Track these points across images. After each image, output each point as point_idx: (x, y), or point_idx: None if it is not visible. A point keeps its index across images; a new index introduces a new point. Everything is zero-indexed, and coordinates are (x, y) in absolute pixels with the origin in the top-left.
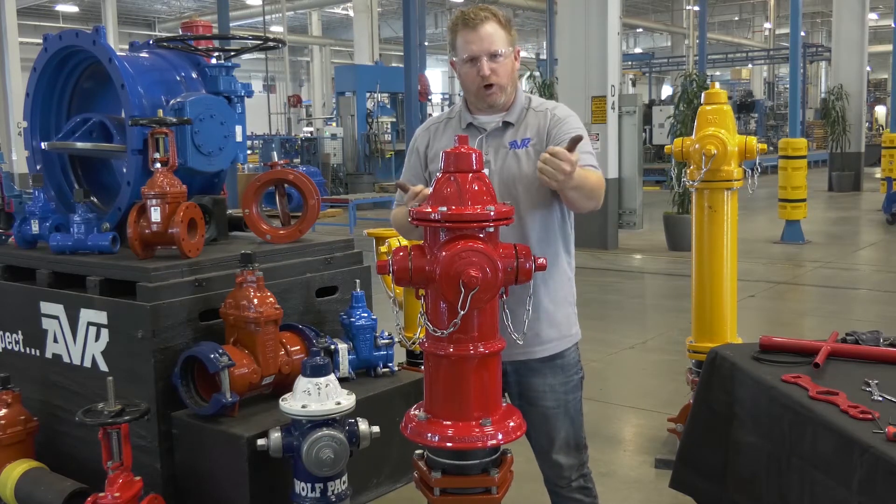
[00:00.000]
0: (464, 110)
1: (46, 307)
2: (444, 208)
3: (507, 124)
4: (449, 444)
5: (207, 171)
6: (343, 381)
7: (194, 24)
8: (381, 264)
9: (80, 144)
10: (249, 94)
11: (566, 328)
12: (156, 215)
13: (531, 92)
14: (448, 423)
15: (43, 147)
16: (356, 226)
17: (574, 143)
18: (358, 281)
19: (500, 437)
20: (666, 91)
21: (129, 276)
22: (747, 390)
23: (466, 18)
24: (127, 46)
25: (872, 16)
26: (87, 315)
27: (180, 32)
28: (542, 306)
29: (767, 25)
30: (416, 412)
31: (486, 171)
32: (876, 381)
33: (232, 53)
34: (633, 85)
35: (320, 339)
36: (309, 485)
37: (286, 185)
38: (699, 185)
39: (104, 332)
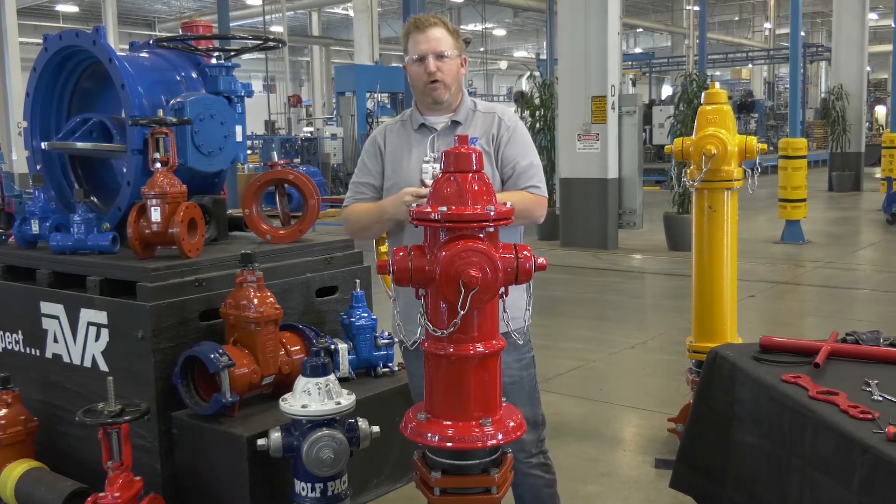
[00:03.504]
0: (415, 112)
1: (46, 307)
2: (444, 208)
3: (455, 123)
4: (449, 444)
5: (207, 171)
6: (343, 381)
7: (194, 24)
8: (381, 264)
9: (80, 144)
10: (249, 93)
11: (518, 311)
12: (156, 215)
13: (530, 92)
14: (448, 422)
15: (43, 147)
16: None
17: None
18: (358, 281)
19: (500, 437)
20: (666, 91)
21: (129, 276)
22: (747, 390)
23: (417, 23)
24: (127, 46)
25: (872, 16)
26: (87, 315)
27: (180, 32)
28: None
29: (767, 25)
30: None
31: (437, 165)
32: (876, 381)
33: (232, 53)
34: (633, 85)
35: (320, 339)
36: (309, 485)
37: (286, 185)
38: (699, 185)
39: (104, 332)
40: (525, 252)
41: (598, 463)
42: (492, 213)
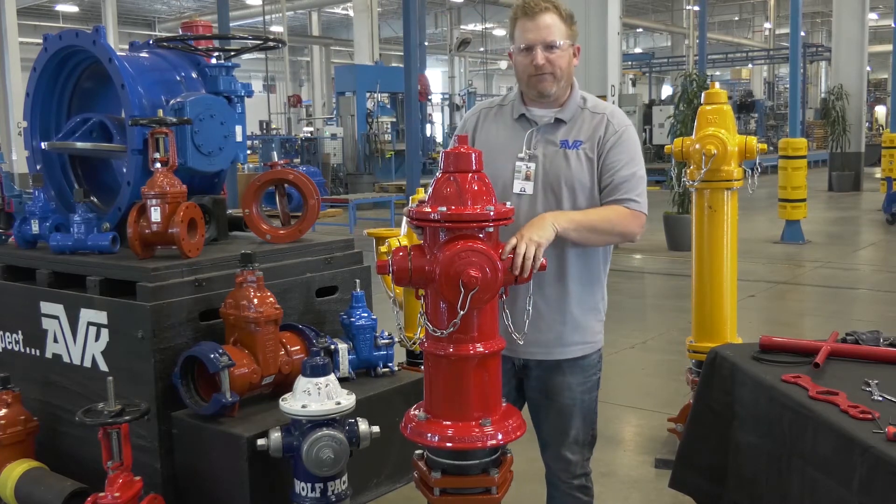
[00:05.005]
0: (517, 101)
1: (46, 307)
2: (444, 208)
3: (559, 121)
4: (449, 445)
5: (207, 171)
6: (343, 381)
7: (194, 23)
8: (381, 264)
9: (80, 144)
10: (249, 93)
11: (591, 335)
12: (156, 215)
13: None
14: (448, 423)
15: (43, 147)
16: (356, 226)
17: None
18: (358, 281)
19: (499, 437)
20: (666, 91)
21: (129, 276)
22: (747, 390)
23: (526, 7)
24: (127, 46)
25: (872, 16)
26: (87, 315)
27: (180, 32)
28: (569, 312)
29: (767, 25)
30: (416, 412)
31: (532, 164)
32: (876, 381)
33: (232, 53)
34: (633, 85)
35: (320, 339)
36: (309, 485)
37: (286, 185)
38: (699, 185)
39: (104, 332)
40: None
41: (598, 463)
42: (491, 213)
